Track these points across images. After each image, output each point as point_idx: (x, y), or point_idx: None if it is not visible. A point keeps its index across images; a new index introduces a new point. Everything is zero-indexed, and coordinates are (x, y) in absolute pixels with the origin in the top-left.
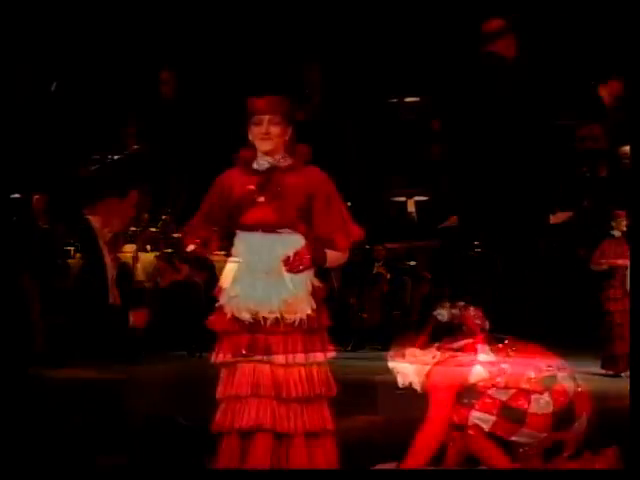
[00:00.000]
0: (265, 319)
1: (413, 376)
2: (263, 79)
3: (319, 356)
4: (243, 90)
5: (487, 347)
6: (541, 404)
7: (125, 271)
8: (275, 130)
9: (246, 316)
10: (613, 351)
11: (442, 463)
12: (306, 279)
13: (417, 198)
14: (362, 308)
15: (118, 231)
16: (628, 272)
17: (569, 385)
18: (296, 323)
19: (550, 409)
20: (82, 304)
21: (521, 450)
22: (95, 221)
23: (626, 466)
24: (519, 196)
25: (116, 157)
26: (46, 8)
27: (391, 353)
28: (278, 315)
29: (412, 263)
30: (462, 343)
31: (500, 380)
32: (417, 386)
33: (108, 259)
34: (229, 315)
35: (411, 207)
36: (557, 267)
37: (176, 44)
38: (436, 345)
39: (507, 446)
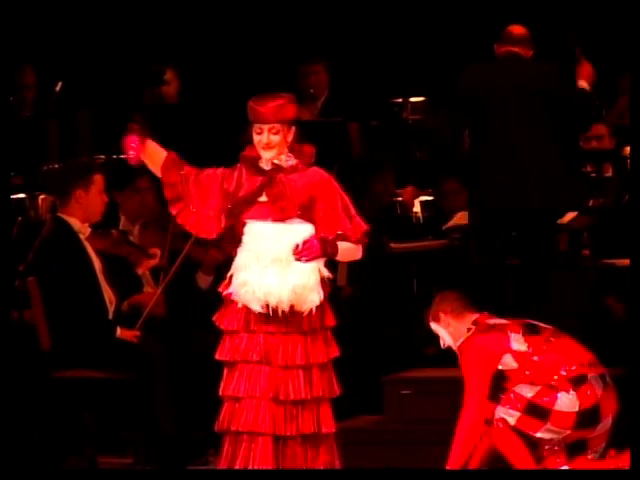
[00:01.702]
0: (275, 310)
1: (448, 339)
2: (264, 80)
3: (321, 357)
4: (247, 90)
5: (521, 337)
6: (567, 402)
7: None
8: (276, 139)
9: (256, 307)
10: None
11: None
12: (315, 269)
13: (423, 198)
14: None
15: (95, 221)
16: None
17: (598, 386)
18: (305, 314)
19: (576, 408)
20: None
21: (547, 447)
22: (71, 221)
23: (632, 466)
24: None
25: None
26: (48, 7)
27: (429, 316)
28: (286, 306)
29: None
30: (500, 322)
31: (528, 373)
32: (454, 348)
33: (92, 253)
34: (239, 305)
35: (416, 207)
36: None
37: (179, 43)
38: (474, 318)
39: (533, 445)
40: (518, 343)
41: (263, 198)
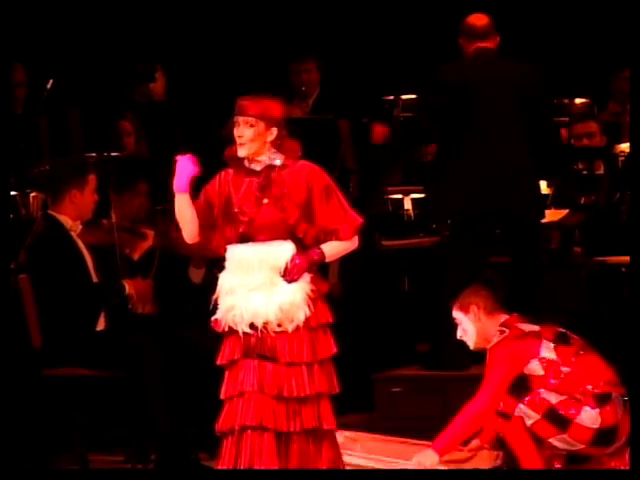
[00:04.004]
0: (262, 331)
1: (472, 333)
2: (255, 78)
3: (323, 354)
4: (239, 88)
5: (552, 345)
6: (589, 418)
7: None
8: (248, 133)
9: (245, 329)
10: None
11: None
12: (302, 286)
13: (414, 195)
14: None
15: (86, 220)
16: None
17: (620, 407)
18: (291, 329)
19: (596, 425)
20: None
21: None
22: (62, 218)
23: (632, 466)
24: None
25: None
26: (39, 5)
27: (457, 304)
28: (274, 325)
29: None
30: (533, 329)
31: (553, 382)
32: (471, 344)
33: (84, 250)
34: (227, 328)
35: (408, 204)
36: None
37: (170, 40)
38: (503, 318)
39: (541, 443)
40: (548, 351)
41: (265, 200)
